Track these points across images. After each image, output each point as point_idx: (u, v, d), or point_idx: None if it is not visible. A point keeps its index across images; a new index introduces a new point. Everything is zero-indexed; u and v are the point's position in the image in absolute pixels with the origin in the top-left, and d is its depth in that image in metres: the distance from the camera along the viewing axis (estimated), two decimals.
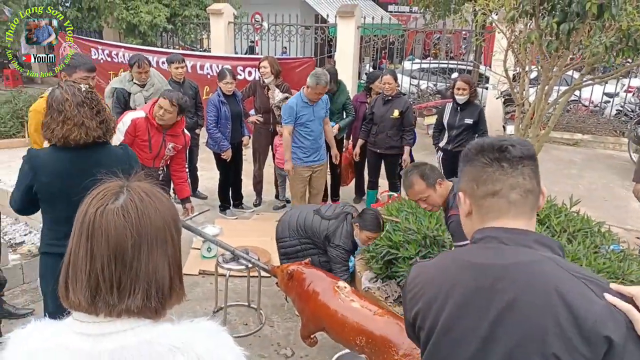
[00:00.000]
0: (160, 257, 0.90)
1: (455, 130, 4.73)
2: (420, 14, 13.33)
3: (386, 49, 11.54)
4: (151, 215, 0.89)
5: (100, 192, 0.91)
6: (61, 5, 10.51)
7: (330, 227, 3.26)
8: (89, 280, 0.86)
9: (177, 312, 3.06)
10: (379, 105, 4.92)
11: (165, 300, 0.91)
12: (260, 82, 5.09)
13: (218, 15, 9.28)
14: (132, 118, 3.43)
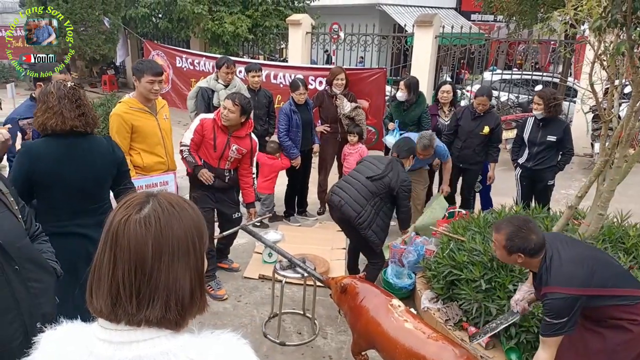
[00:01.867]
0: (182, 268, 0.89)
1: (536, 147, 4.43)
2: (504, 23, 12.73)
3: (465, 58, 11.14)
4: (174, 226, 0.89)
5: (127, 202, 0.92)
6: (154, 17, 11.35)
7: (392, 178, 3.51)
8: (110, 288, 0.87)
9: (233, 314, 3.11)
10: (467, 119, 4.72)
11: (186, 311, 0.90)
12: (328, 92, 5.12)
13: (296, 26, 9.49)
14: (201, 118, 3.62)
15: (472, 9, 17.29)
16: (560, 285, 2.06)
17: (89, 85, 14.26)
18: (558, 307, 2.06)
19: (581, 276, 2.07)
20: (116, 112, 3.36)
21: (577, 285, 2.05)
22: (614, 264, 2.27)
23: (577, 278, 2.06)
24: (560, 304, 2.04)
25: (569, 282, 2.06)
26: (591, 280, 2.07)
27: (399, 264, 3.96)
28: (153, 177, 3.35)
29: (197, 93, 4.89)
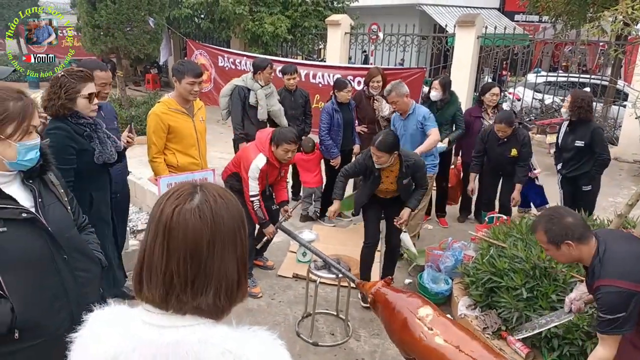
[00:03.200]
0: (231, 256, 0.92)
1: (566, 153, 4.26)
2: (550, 24, 12.29)
3: (508, 60, 10.83)
4: (224, 216, 0.91)
5: (176, 192, 0.93)
6: (197, 17, 11.60)
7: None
8: (164, 278, 0.88)
9: (267, 312, 3.13)
10: (493, 145, 4.54)
11: (233, 298, 0.93)
12: (366, 92, 5.07)
13: (335, 26, 9.49)
14: (259, 167, 3.51)
15: (516, 9, 16.79)
16: (615, 277, 1.93)
17: (133, 83, 14.75)
18: (611, 301, 1.93)
19: (638, 271, 1.93)
20: (154, 112, 3.43)
21: (633, 280, 1.91)
22: None
23: (633, 273, 1.92)
24: (614, 298, 1.91)
25: (624, 276, 1.92)
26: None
27: (435, 268, 3.87)
28: (195, 174, 3.41)
29: (233, 91, 4.87)
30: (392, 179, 3.51)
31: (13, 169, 1.53)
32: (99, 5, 7.84)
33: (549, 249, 2.10)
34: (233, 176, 3.72)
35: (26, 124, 1.49)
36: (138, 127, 8.30)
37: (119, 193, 3.33)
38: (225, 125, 9.35)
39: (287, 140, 3.46)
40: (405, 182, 3.51)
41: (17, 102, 1.47)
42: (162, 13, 8.94)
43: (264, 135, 3.63)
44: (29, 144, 1.51)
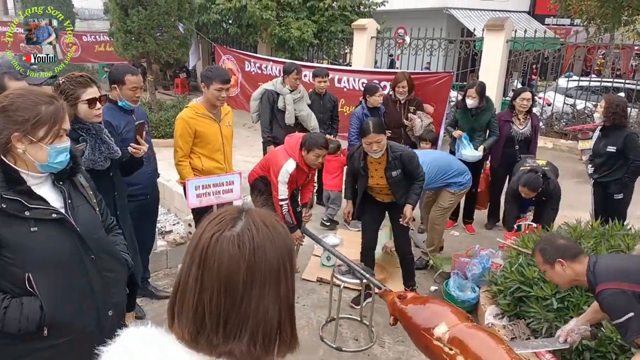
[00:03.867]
0: (272, 297, 0.80)
1: (598, 159, 4.15)
2: (582, 27, 11.99)
3: (538, 64, 10.61)
4: (267, 249, 0.80)
5: (218, 217, 0.83)
6: (225, 23, 11.78)
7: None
8: (195, 313, 0.78)
9: None
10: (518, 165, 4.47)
11: (271, 346, 0.81)
12: (392, 97, 5.05)
13: (362, 31, 9.48)
14: (289, 172, 3.56)
15: (546, 12, 16.46)
16: (608, 281, 2.07)
17: (163, 87, 15.06)
18: (613, 303, 2.05)
19: (630, 272, 2.07)
20: (182, 117, 3.48)
21: (626, 281, 2.04)
22: None
23: (625, 275, 2.06)
24: (614, 300, 2.02)
25: (617, 278, 2.06)
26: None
27: (462, 276, 3.81)
28: (220, 177, 3.45)
29: (262, 95, 4.98)
30: (380, 172, 3.45)
31: (44, 171, 1.57)
32: (131, 12, 8.05)
33: (546, 269, 2.31)
34: (260, 179, 3.75)
35: (57, 128, 1.53)
36: (167, 129, 8.49)
37: (149, 195, 3.40)
38: (252, 129, 9.46)
39: (318, 145, 3.50)
40: (394, 174, 3.41)
41: (49, 106, 1.51)
42: (192, 19, 9.12)
43: (294, 140, 3.65)
44: (59, 147, 1.55)
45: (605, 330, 2.65)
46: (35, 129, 1.49)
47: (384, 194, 3.58)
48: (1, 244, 1.47)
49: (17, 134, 1.46)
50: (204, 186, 3.36)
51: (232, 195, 3.51)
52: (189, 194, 3.32)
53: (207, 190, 3.37)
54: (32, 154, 1.51)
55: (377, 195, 3.60)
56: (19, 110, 1.47)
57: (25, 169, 1.53)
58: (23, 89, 1.56)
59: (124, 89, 3.01)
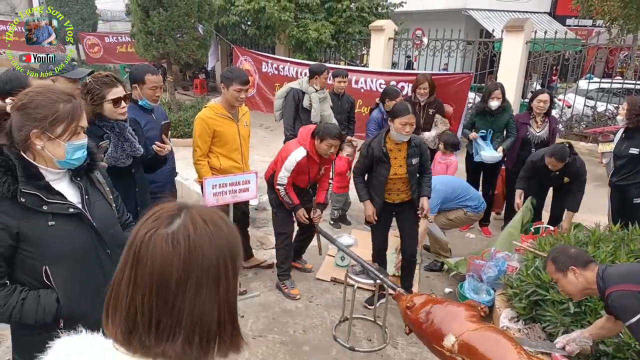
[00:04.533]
0: (210, 297, 0.77)
1: (619, 161, 4.08)
2: (605, 28, 11.77)
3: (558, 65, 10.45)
4: (205, 247, 0.77)
5: (156, 213, 0.81)
6: (244, 24, 11.88)
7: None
8: (127, 313, 0.76)
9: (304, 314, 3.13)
10: (543, 173, 4.24)
11: (209, 349, 0.78)
12: (412, 99, 5.03)
13: (379, 32, 9.47)
14: (297, 160, 3.58)
15: (567, 13, 16.21)
16: (618, 283, 2.12)
17: (182, 88, 15.26)
18: (622, 304, 2.08)
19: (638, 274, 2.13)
20: (201, 117, 3.55)
21: (635, 282, 2.08)
22: None
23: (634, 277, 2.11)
24: (625, 300, 2.05)
25: (626, 280, 2.11)
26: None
27: (477, 278, 3.79)
28: (237, 176, 3.50)
29: (288, 93, 5.01)
30: (400, 161, 3.42)
31: (62, 167, 1.62)
32: (152, 13, 8.18)
33: (558, 278, 2.36)
34: (274, 175, 3.78)
35: (74, 125, 1.57)
36: (185, 129, 8.61)
37: (167, 193, 3.47)
38: (268, 130, 9.53)
39: (331, 135, 3.51)
40: (414, 162, 3.43)
41: (66, 104, 1.55)
42: (211, 20, 9.23)
43: (306, 130, 3.69)
44: (77, 144, 1.59)
45: (624, 336, 2.61)
46: (53, 126, 1.53)
47: (396, 191, 3.52)
48: (20, 238, 1.52)
49: (35, 130, 1.51)
50: (220, 185, 3.40)
51: (248, 195, 3.55)
52: (206, 193, 3.37)
53: (224, 189, 3.42)
54: (51, 150, 1.55)
55: (389, 194, 3.53)
56: (38, 108, 1.51)
57: (44, 164, 1.58)
58: (42, 87, 1.60)
59: (144, 89, 3.08)
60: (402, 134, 3.29)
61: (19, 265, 1.56)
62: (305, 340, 3.33)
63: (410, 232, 3.65)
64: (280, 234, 3.89)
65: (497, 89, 4.71)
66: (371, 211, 3.52)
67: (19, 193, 1.51)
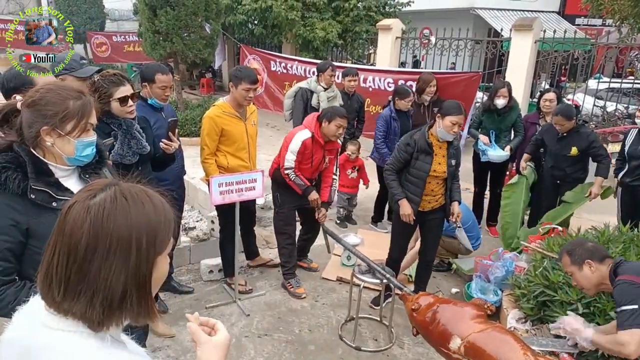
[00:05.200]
0: (117, 267, 0.83)
1: (635, 161, 4.01)
2: (614, 27, 11.65)
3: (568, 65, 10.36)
4: (118, 220, 0.83)
5: (87, 188, 0.89)
6: (250, 23, 11.89)
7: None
8: (47, 270, 0.85)
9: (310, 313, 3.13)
10: (552, 138, 4.27)
11: (113, 313, 0.85)
12: (417, 100, 4.99)
13: (386, 31, 9.43)
14: (302, 140, 3.59)
15: (577, 12, 16.06)
16: (627, 273, 2.13)
17: (189, 87, 15.31)
18: (624, 291, 2.09)
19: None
20: (209, 115, 3.55)
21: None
22: None
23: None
24: (625, 288, 2.06)
25: (637, 272, 2.11)
26: None
27: (484, 279, 3.76)
28: (243, 175, 3.49)
29: (297, 93, 5.02)
30: (440, 158, 3.33)
31: (71, 164, 1.63)
32: (160, 12, 8.21)
33: (573, 271, 2.33)
34: (278, 168, 3.77)
35: (84, 122, 1.57)
36: (192, 128, 8.63)
37: (175, 191, 3.47)
38: (275, 129, 9.53)
39: (340, 114, 3.54)
40: (453, 163, 3.37)
41: (76, 101, 1.55)
42: (218, 19, 9.25)
43: (312, 115, 3.72)
44: (86, 141, 1.59)
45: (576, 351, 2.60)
46: (63, 122, 1.53)
47: (430, 193, 3.39)
48: (30, 234, 1.53)
49: (46, 127, 1.51)
50: (227, 183, 3.40)
51: (255, 193, 3.55)
52: (212, 191, 3.37)
53: (230, 187, 3.42)
54: (60, 147, 1.56)
55: (424, 198, 3.39)
56: (49, 105, 1.51)
57: (53, 161, 1.58)
58: (52, 84, 1.61)
59: (154, 88, 3.09)
60: (450, 133, 3.23)
61: (28, 262, 1.56)
62: (311, 340, 3.32)
63: (435, 240, 3.62)
64: (282, 233, 3.87)
65: (504, 87, 4.68)
66: (409, 210, 3.34)
67: (29, 189, 1.51)
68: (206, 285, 3.97)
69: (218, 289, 3.92)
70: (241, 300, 3.70)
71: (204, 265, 4.04)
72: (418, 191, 3.35)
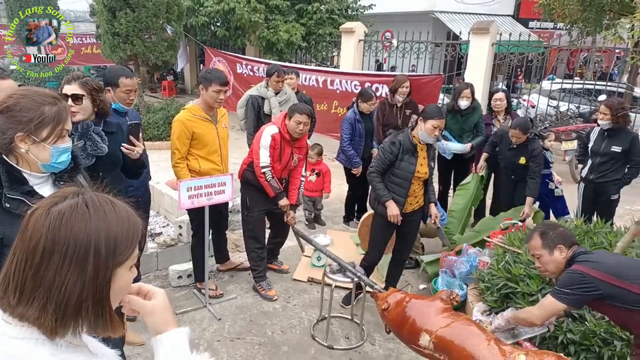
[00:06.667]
0: (73, 274, 0.82)
1: (599, 158, 4.23)
2: (565, 31, 12.23)
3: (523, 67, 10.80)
4: (76, 227, 0.82)
5: (54, 194, 0.89)
6: (213, 25, 11.77)
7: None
8: (5, 273, 0.85)
9: (282, 315, 3.14)
10: (505, 146, 4.48)
11: (67, 321, 0.83)
12: (389, 100, 5.08)
13: (349, 34, 9.56)
14: (270, 134, 3.60)
15: (530, 16, 16.73)
16: (578, 265, 2.17)
17: (149, 90, 14.98)
18: (566, 278, 2.17)
19: (604, 263, 2.15)
20: (179, 119, 3.50)
21: (596, 268, 2.12)
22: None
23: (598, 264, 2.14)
24: (569, 276, 2.14)
25: (587, 265, 2.15)
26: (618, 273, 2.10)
27: (450, 274, 3.88)
28: (212, 178, 3.47)
29: (247, 101, 4.99)
30: (422, 160, 3.40)
31: (46, 171, 1.59)
32: (119, 14, 8.02)
33: (542, 254, 2.32)
34: (248, 169, 3.76)
35: (60, 128, 1.54)
36: (155, 132, 8.47)
37: (141, 197, 3.40)
38: (241, 132, 9.47)
39: (299, 110, 3.56)
40: (432, 165, 3.49)
41: (52, 106, 1.52)
42: (180, 21, 9.12)
43: (281, 114, 3.77)
44: (62, 147, 1.57)
45: (589, 324, 2.74)
46: (38, 129, 1.50)
47: (412, 194, 3.45)
48: (4, 243, 1.49)
49: (20, 133, 1.48)
50: (196, 187, 3.37)
51: (224, 197, 3.53)
52: (181, 195, 3.33)
53: (199, 191, 3.39)
54: (35, 153, 1.52)
55: (407, 199, 3.43)
56: (23, 111, 1.48)
57: (27, 169, 1.55)
58: (27, 89, 1.57)
59: (118, 92, 3.02)
60: (431, 136, 3.31)
61: None
62: (283, 341, 3.34)
63: (412, 240, 3.71)
64: (251, 237, 3.86)
65: (467, 89, 4.85)
66: (397, 211, 3.35)
67: (4, 198, 1.48)
68: (175, 291, 3.92)
69: (188, 294, 3.87)
70: (212, 305, 3.67)
71: (173, 271, 3.99)
72: (403, 192, 3.39)
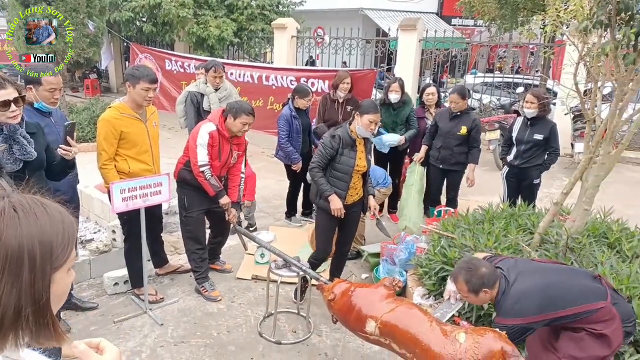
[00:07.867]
0: (8, 283, 0.77)
1: (524, 146, 4.55)
2: (485, 28, 13.01)
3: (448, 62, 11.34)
4: (6, 234, 0.77)
5: None
6: (139, 21, 11.27)
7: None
8: None
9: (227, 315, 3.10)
10: (445, 119, 4.77)
11: (6, 333, 0.79)
12: (331, 96, 5.13)
13: (282, 30, 9.55)
14: (208, 132, 3.50)
15: (452, 13, 17.60)
16: (508, 317, 2.28)
17: (71, 89, 14.06)
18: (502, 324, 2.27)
19: (531, 307, 2.27)
20: (105, 118, 3.32)
21: (525, 315, 2.25)
22: (575, 284, 2.36)
23: (525, 309, 2.26)
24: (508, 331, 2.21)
25: (516, 314, 2.26)
26: (546, 307, 2.25)
27: (390, 262, 4.02)
28: (147, 179, 3.34)
29: (187, 98, 4.86)
30: (360, 154, 3.46)
31: None
32: (34, 8, 7.44)
33: (469, 296, 2.40)
34: (184, 168, 3.65)
35: None
36: (80, 134, 7.98)
37: (69, 202, 3.21)
38: (173, 131, 9.16)
39: (245, 111, 3.49)
40: (370, 158, 3.57)
41: None
42: (103, 16, 8.64)
43: (217, 111, 3.68)
44: None
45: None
46: None
47: (353, 186, 3.49)
48: None
49: None
50: (130, 189, 3.23)
51: (161, 198, 3.42)
52: (114, 199, 3.18)
53: (134, 193, 3.25)
54: None
55: (348, 192, 3.47)
56: None
57: None
58: None
59: (41, 90, 2.82)
60: (368, 131, 3.35)
61: None
62: (230, 341, 3.30)
63: (354, 232, 3.77)
64: (191, 238, 3.75)
65: (396, 83, 5.01)
66: (340, 205, 3.40)
67: None
68: (112, 299, 3.74)
69: (125, 301, 3.71)
70: (153, 311, 3.55)
71: (108, 278, 3.80)
72: (344, 185, 3.44)
